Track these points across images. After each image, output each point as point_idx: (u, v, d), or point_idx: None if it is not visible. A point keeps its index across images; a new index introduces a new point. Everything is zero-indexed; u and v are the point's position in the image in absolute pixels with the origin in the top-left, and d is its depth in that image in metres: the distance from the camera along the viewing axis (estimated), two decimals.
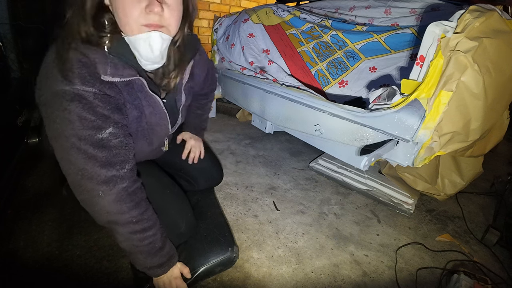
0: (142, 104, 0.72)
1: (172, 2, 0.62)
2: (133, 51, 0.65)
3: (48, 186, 1.20)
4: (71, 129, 0.59)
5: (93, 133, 0.60)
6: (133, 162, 0.69)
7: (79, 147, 0.60)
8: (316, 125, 1.18)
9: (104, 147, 0.62)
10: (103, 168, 0.62)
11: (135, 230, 0.70)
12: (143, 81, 0.68)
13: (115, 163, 0.64)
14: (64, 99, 0.57)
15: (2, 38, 1.25)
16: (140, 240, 0.71)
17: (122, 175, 0.66)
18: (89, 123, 0.60)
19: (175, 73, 0.77)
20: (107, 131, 0.62)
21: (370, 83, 1.19)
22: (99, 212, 0.67)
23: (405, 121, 0.90)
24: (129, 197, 0.67)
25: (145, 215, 0.71)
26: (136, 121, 0.73)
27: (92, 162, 0.61)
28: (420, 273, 1.02)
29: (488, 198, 1.52)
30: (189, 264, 0.86)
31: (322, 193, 1.42)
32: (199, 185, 1.14)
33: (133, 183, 0.69)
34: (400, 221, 1.28)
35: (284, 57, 1.46)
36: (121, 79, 0.63)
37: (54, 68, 0.58)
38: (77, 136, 0.59)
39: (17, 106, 1.26)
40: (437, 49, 0.81)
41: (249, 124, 1.65)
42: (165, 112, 0.78)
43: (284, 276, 0.95)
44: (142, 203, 0.71)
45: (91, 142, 0.60)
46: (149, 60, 0.67)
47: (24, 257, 0.91)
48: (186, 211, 0.89)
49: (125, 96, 0.67)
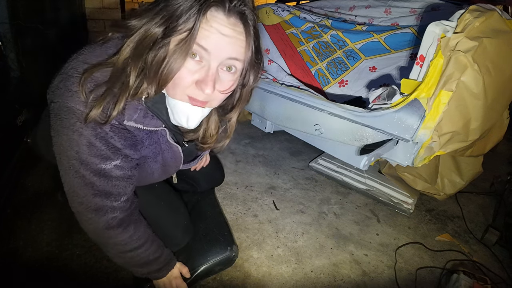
0: (161, 148, 0.68)
1: (227, 78, 0.56)
2: (168, 107, 0.60)
3: (47, 186, 1.19)
4: (75, 152, 0.55)
5: (97, 162, 0.56)
6: (131, 193, 0.66)
7: (78, 171, 0.57)
8: (316, 125, 1.17)
9: (104, 176, 0.58)
10: (96, 197, 0.59)
11: (125, 250, 0.69)
12: (166, 131, 0.64)
13: (111, 194, 0.61)
14: (78, 120, 0.53)
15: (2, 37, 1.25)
16: (131, 258, 0.71)
17: (115, 206, 0.63)
18: (97, 151, 0.55)
19: (211, 142, 0.74)
20: (113, 163, 0.58)
21: (370, 83, 1.19)
22: (87, 231, 0.66)
23: (405, 120, 0.90)
24: (118, 224, 0.65)
25: (135, 236, 0.69)
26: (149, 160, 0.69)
27: (88, 189, 0.58)
28: (419, 273, 1.02)
29: (487, 198, 1.52)
30: (188, 263, 0.86)
31: (322, 193, 1.42)
32: (201, 187, 1.14)
33: (124, 212, 0.66)
34: (400, 221, 1.28)
35: (284, 57, 1.46)
36: (144, 127, 0.59)
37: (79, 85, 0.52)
38: (79, 160, 0.56)
39: (17, 106, 1.26)
40: (437, 48, 0.81)
41: (248, 123, 1.65)
42: (181, 156, 0.73)
43: (284, 275, 0.95)
44: (131, 225, 0.68)
45: (92, 169, 0.57)
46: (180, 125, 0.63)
47: (24, 257, 0.91)
48: (182, 220, 0.89)
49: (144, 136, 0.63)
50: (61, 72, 0.56)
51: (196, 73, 0.53)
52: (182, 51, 0.49)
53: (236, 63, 0.55)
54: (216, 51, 0.51)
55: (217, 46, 0.51)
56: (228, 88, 0.57)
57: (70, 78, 0.53)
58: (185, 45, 0.49)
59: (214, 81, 0.53)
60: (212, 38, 0.50)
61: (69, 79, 0.53)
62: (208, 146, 0.75)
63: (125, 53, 0.52)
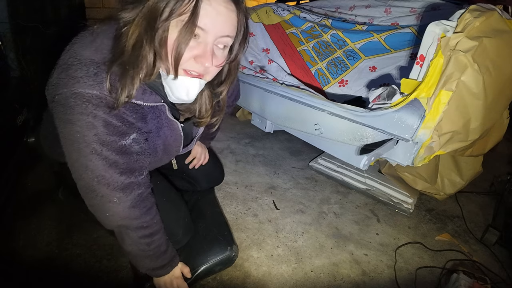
0: (163, 124, 0.70)
1: (220, 54, 0.59)
2: (165, 85, 0.62)
3: (47, 185, 1.19)
4: (94, 134, 0.56)
5: (117, 139, 0.58)
6: (149, 167, 0.69)
7: (100, 153, 0.58)
8: (316, 124, 1.17)
9: (126, 153, 0.61)
10: (122, 175, 0.61)
11: (145, 235, 0.70)
12: (166, 106, 0.66)
13: (135, 170, 0.64)
14: (90, 103, 0.54)
15: (2, 37, 1.25)
16: (147, 244, 0.72)
17: (140, 181, 0.66)
18: (115, 128, 0.57)
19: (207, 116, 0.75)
20: (131, 137, 0.61)
21: (370, 83, 1.19)
22: (110, 218, 0.66)
23: (405, 120, 0.90)
24: (143, 203, 0.68)
25: (155, 219, 0.72)
26: (152, 135, 0.71)
27: (113, 169, 0.60)
28: (419, 273, 1.02)
29: (487, 197, 1.52)
30: (189, 263, 0.87)
31: (321, 192, 1.42)
32: (201, 186, 1.15)
33: (147, 189, 0.69)
34: (400, 221, 1.28)
35: (284, 56, 1.46)
36: (144, 103, 0.61)
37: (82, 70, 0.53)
38: (99, 142, 0.57)
39: (17, 105, 1.26)
40: (437, 48, 0.81)
41: (248, 123, 1.65)
42: (181, 135, 0.76)
43: (284, 275, 0.96)
44: (153, 207, 0.72)
45: (114, 148, 0.59)
46: (180, 100, 0.65)
47: (24, 256, 0.91)
48: (183, 218, 0.89)
49: (147, 110, 0.65)
50: (58, 65, 0.56)
51: (194, 49, 0.55)
52: (187, 32, 0.52)
53: (229, 40, 0.58)
54: (213, 29, 0.54)
55: (213, 24, 0.54)
56: (221, 63, 0.61)
57: (71, 66, 0.54)
58: (189, 26, 0.51)
59: (212, 56, 0.56)
60: (209, 17, 0.53)
61: (70, 68, 0.54)
62: (205, 121, 0.77)
63: (134, 38, 0.53)
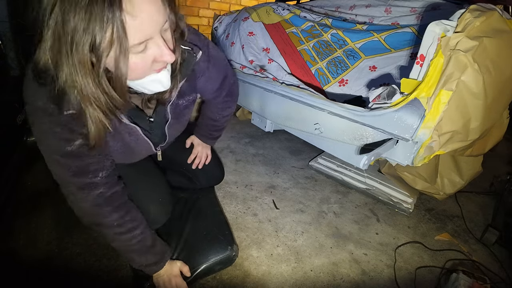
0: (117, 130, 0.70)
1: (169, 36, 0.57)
2: (138, 87, 0.62)
3: (47, 185, 1.19)
4: (45, 139, 0.62)
5: (63, 144, 0.61)
6: (110, 169, 0.70)
7: (54, 158, 0.63)
8: (316, 124, 1.17)
9: (75, 157, 0.63)
10: (76, 176, 0.65)
11: (120, 232, 0.72)
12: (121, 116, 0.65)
13: (88, 172, 0.66)
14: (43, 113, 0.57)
15: (2, 36, 1.25)
16: (128, 240, 0.74)
17: (97, 182, 0.67)
18: (58, 135, 0.60)
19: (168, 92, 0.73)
20: (76, 143, 0.62)
21: (370, 82, 1.19)
22: (82, 215, 0.71)
23: (405, 120, 0.90)
24: (106, 202, 0.70)
25: (127, 217, 0.73)
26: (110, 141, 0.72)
27: (66, 171, 0.64)
28: (419, 272, 1.02)
29: (487, 197, 1.52)
30: (189, 262, 0.87)
31: (321, 192, 1.42)
32: (200, 183, 1.15)
33: (110, 189, 0.70)
34: (399, 220, 1.28)
35: (284, 56, 1.45)
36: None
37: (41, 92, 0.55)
38: (49, 146, 0.62)
39: (17, 105, 1.26)
40: (437, 48, 0.81)
41: (248, 122, 1.65)
42: (145, 139, 0.77)
43: (283, 274, 0.96)
44: (122, 206, 0.73)
45: (61, 153, 0.62)
46: (158, 91, 0.64)
47: (24, 256, 0.91)
48: (157, 197, 0.89)
49: None
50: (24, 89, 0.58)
51: (148, 57, 0.54)
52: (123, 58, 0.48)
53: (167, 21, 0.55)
54: (152, 29, 0.51)
55: (150, 27, 0.50)
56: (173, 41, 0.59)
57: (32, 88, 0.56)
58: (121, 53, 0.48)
59: (167, 47, 0.54)
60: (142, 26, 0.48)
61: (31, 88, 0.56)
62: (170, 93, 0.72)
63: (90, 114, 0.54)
